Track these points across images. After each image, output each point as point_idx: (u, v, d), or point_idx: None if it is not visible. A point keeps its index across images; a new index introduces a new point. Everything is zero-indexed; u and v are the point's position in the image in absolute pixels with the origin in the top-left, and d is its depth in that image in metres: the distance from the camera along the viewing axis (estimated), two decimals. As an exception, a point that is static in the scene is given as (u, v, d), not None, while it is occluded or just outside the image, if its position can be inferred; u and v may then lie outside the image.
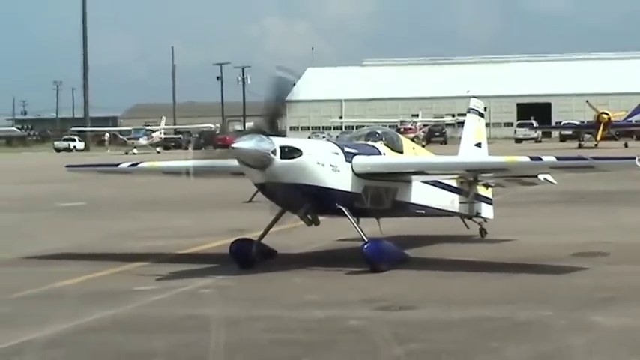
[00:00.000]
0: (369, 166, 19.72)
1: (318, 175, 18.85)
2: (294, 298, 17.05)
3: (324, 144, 20.33)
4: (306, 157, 18.66)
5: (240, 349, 13.44)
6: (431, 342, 13.57)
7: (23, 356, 13.32)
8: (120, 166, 24.97)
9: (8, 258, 22.57)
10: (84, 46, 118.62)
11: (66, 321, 15.45)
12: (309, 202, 19.12)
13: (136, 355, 13.31)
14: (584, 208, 31.92)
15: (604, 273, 19.08)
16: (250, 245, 19.85)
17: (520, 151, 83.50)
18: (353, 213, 19.61)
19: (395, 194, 20.56)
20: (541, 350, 12.95)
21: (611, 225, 26.92)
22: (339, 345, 13.60)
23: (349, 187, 19.39)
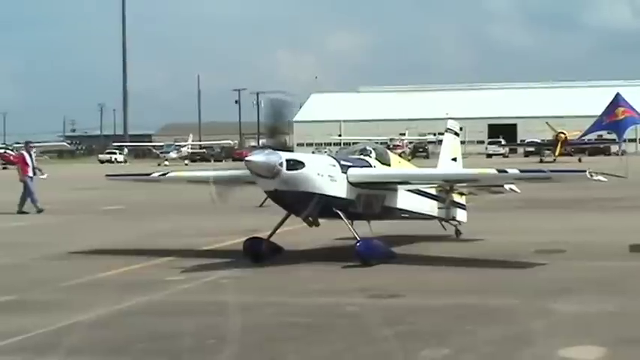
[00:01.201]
0: (361, 177, 19.72)
1: (319, 184, 18.84)
2: (299, 288, 17.05)
3: (324, 158, 20.30)
4: (308, 169, 18.65)
5: (253, 330, 13.41)
6: (415, 325, 13.53)
7: (72, 336, 13.28)
8: (151, 175, 25.36)
9: (58, 253, 22.55)
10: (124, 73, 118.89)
11: (107, 306, 15.44)
12: (313, 206, 19.05)
13: (167, 335, 13.26)
14: (543, 213, 31.89)
15: (561, 267, 19.04)
16: (261, 243, 19.87)
17: (490, 164, 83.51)
18: (348, 216, 19.63)
19: (383, 200, 20.57)
20: (508, 332, 12.90)
21: (567, 227, 26.89)
22: (337, 327, 13.56)
23: (345, 194, 19.35)
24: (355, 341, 12.60)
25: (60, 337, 13.15)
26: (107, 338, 13.13)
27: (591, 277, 17.71)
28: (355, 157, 20.68)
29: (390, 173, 20.87)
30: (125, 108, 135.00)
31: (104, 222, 31.94)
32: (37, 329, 13.63)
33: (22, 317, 14.60)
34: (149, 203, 38.38)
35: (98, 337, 13.21)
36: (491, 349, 11.98)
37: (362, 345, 12.38)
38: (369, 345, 12.38)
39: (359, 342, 12.55)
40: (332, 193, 19.11)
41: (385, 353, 11.88)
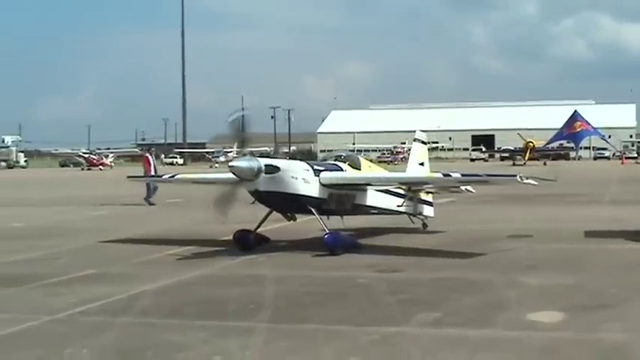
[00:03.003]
0: (330, 179, 18.95)
1: (293, 185, 18.23)
2: (319, 265, 17.00)
3: (298, 163, 19.17)
4: (282, 173, 18.03)
5: (284, 298, 13.40)
6: (413, 294, 13.50)
7: (141, 301, 13.31)
8: (163, 177, 24.37)
9: (130, 236, 22.62)
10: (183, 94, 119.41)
11: (168, 278, 15.47)
12: (291, 205, 18.60)
13: (217, 300, 13.27)
14: (513, 206, 31.75)
15: (529, 249, 18.93)
16: (249, 234, 19.10)
17: (472, 167, 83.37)
18: (322, 213, 18.97)
19: (354, 199, 19.78)
20: (487, 300, 12.86)
21: (533, 217, 26.81)
22: (351, 295, 13.55)
23: (317, 194, 18.66)
24: (366, 306, 12.59)
25: (131, 302, 13.18)
26: (168, 303, 13.16)
27: (553, 257, 17.64)
28: (328, 163, 20.00)
29: (353, 176, 19.76)
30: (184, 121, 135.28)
31: (167, 212, 32.00)
32: (113, 296, 13.68)
33: (101, 287, 14.62)
34: (202, 197, 38.36)
35: (161, 302, 13.23)
36: (474, 313, 11.95)
37: (371, 309, 12.36)
38: (377, 309, 12.36)
39: (369, 307, 12.54)
40: (305, 193, 18.43)
41: (389, 316, 11.85)
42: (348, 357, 9.61)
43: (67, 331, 11.32)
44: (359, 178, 19.85)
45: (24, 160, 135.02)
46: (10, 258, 18.85)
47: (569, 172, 68.99)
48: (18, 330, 11.43)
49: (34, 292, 14.39)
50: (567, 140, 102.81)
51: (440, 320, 11.54)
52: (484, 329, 10.96)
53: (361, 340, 10.45)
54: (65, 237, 23.12)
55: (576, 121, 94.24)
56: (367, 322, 11.39)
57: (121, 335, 10.99)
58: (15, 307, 13.05)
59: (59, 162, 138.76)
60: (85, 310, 12.63)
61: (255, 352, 9.99)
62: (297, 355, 9.83)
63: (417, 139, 24.59)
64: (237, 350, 10.03)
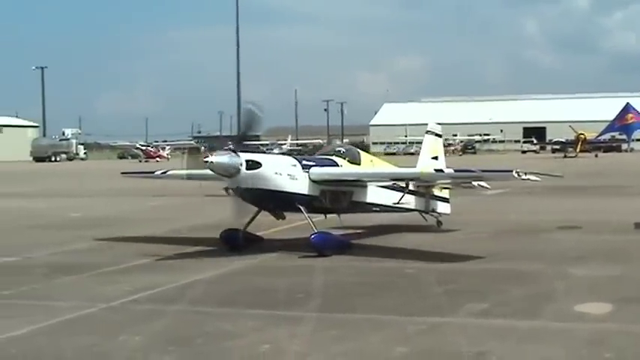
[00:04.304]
0: (321, 175, 17.56)
1: (277, 182, 16.90)
2: (367, 255, 16.87)
3: (284, 158, 18.03)
4: (264, 168, 16.71)
5: (333, 287, 13.40)
6: (461, 284, 13.42)
7: (193, 290, 13.38)
8: (155, 172, 22.65)
9: (181, 227, 22.78)
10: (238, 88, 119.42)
11: (218, 268, 15.54)
12: (276, 202, 17.33)
13: (266, 289, 13.31)
14: (563, 197, 31.47)
15: (578, 240, 18.76)
16: (237, 233, 17.76)
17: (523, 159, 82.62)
18: (314, 211, 17.83)
19: (351, 196, 18.40)
20: (535, 291, 12.75)
21: (583, 208, 26.54)
22: (399, 285, 13.50)
23: (306, 191, 17.34)
24: (413, 296, 12.53)
25: (183, 291, 13.27)
26: (219, 292, 13.21)
27: (602, 248, 17.41)
28: (321, 157, 18.76)
29: (343, 172, 18.22)
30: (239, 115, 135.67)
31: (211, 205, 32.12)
32: (166, 285, 13.77)
33: (155, 276, 14.74)
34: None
35: (213, 291, 13.30)
36: (521, 304, 11.84)
37: (418, 299, 12.30)
38: (424, 299, 12.30)
39: (416, 297, 12.48)
40: (292, 189, 17.13)
41: (437, 306, 11.78)
42: (395, 346, 9.57)
43: (120, 318, 11.43)
44: (348, 173, 18.30)
45: (83, 153, 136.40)
46: (68, 247, 19.09)
47: (619, 164, 68.18)
48: (75, 317, 11.57)
49: (91, 281, 14.57)
50: (619, 132, 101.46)
51: (487, 311, 11.44)
52: (532, 320, 10.85)
53: (408, 329, 10.39)
54: (121, 227, 23.34)
55: (628, 113, 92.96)
56: (414, 312, 11.33)
57: (173, 323, 11.05)
58: (72, 295, 13.19)
59: (117, 154, 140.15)
60: (139, 298, 12.73)
61: (304, 340, 9.99)
62: (344, 344, 9.80)
63: (430, 132, 23.00)
64: (287, 339, 10.03)
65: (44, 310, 11.98)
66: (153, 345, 9.86)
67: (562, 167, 57.62)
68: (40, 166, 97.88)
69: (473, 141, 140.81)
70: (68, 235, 21.23)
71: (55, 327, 11.00)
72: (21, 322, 11.10)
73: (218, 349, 9.67)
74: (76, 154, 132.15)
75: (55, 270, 15.60)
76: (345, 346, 9.72)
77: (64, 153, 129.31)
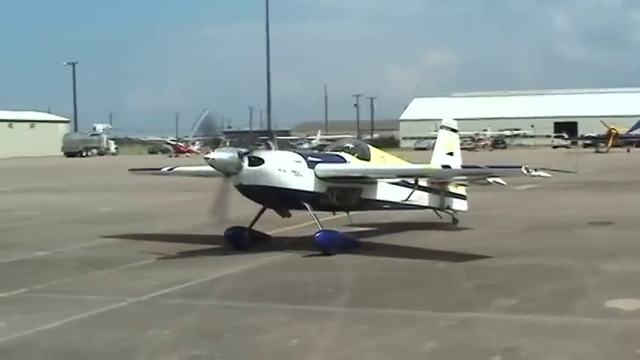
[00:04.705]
0: (327, 172, 17.09)
1: (280, 179, 16.47)
2: (397, 250, 16.82)
3: (288, 154, 17.35)
4: (267, 165, 16.30)
5: (363, 282, 13.39)
6: (490, 279, 13.37)
7: (222, 284, 13.44)
8: (162, 169, 22.28)
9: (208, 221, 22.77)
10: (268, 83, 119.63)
11: (249, 262, 15.58)
12: (280, 199, 16.89)
13: (296, 284, 13.34)
14: (596, 193, 31.23)
15: (611, 236, 18.64)
16: (242, 231, 17.55)
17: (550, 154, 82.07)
18: (321, 208, 17.43)
19: (360, 193, 17.91)
20: (565, 287, 12.67)
21: (616, 204, 26.33)
22: (428, 280, 13.47)
23: (312, 188, 16.89)
24: (443, 292, 12.50)
25: (212, 286, 13.32)
26: (248, 287, 13.25)
27: (635, 244, 17.25)
28: (328, 153, 18.44)
29: (349, 168, 17.67)
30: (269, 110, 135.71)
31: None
32: (195, 279, 13.83)
33: (184, 270, 14.80)
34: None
35: (242, 286, 13.34)
36: (551, 300, 11.78)
37: (448, 295, 12.27)
38: (455, 294, 12.27)
39: (446, 292, 12.45)
40: (296, 186, 16.68)
41: (467, 301, 11.74)
42: (424, 342, 9.54)
43: (150, 312, 11.49)
44: (354, 170, 17.80)
45: (114, 148, 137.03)
46: (99, 241, 19.20)
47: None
48: (105, 311, 11.65)
49: (121, 275, 14.66)
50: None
51: (517, 306, 11.38)
52: (562, 316, 10.78)
53: (438, 325, 10.37)
54: (152, 221, 23.45)
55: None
56: (444, 307, 11.30)
57: (202, 318, 11.09)
58: (103, 289, 13.29)
59: (148, 149, 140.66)
60: (168, 292, 12.79)
61: (334, 335, 9.98)
62: (374, 339, 9.79)
63: (445, 127, 22.23)
64: (316, 334, 10.03)
65: (75, 304, 12.07)
66: (182, 339, 9.89)
67: (593, 163, 57.23)
68: (72, 161, 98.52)
69: (503, 136, 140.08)
70: (99, 230, 21.35)
71: (86, 321, 11.08)
72: (52, 316, 11.19)
73: (247, 343, 9.69)
74: (106, 149, 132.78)
75: (86, 264, 15.72)
76: (375, 341, 9.70)
77: (95, 148, 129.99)
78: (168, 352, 9.32)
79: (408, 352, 9.19)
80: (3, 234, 21.51)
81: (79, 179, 51.58)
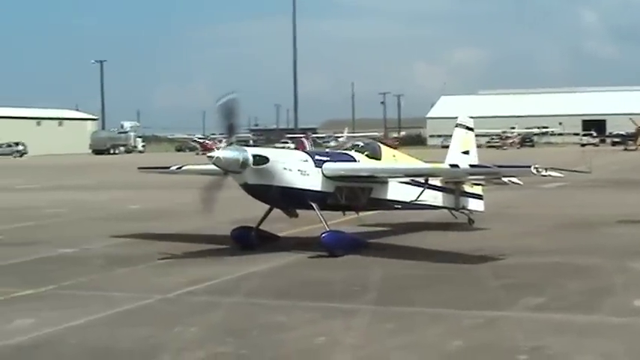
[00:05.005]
0: (334, 171, 16.70)
1: (286, 178, 16.12)
2: (422, 249, 16.82)
3: (294, 153, 17.06)
4: (272, 164, 15.96)
5: (389, 280, 13.37)
6: (517, 278, 13.31)
7: (248, 281, 13.46)
8: (170, 168, 21.78)
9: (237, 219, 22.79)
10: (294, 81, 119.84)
11: (275, 260, 15.59)
12: (286, 199, 16.55)
13: (322, 282, 13.35)
14: (625, 191, 31.03)
15: (639, 234, 18.50)
16: (249, 231, 17.25)
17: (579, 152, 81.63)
18: (329, 208, 17.02)
19: (370, 192, 17.48)
20: (593, 285, 12.61)
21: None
22: (455, 278, 13.44)
23: (319, 187, 16.51)
24: (469, 290, 12.47)
25: (239, 283, 13.35)
26: (275, 284, 13.27)
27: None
28: (337, 152, 18.09)
29: (356, 167, 17.28)
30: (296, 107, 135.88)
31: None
32: (221, 277, 13.87)
33: (210, 268, 14.85)
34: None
35: (268, 284, 13.36)
36: (579, 298, 11.72)
37: (475, 293, 12.24)
38: (481, 293, 12.24)
39: (472, 291, 12.41)
40: (303, 186, 16.31)
41: (493, 300, 11.70)
42: (451, 340, 9.51)
43: (176, 310, 11.52)
44: (361, 169, 17.38)
45: (141, 145, 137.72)
46: (125, 239, 19.29)
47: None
48: (132, 308, 11.70)
49: (147, 272, 14.72)
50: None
51: (545, 305, 11.33)
52: (590, 315, 10.73)
53: (464, 323, 10.34)
54: (178, 218, 23.53)
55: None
56: (471, 306, 11.26)
57: (228, 315, 11.11)
58: (129, 286, 13.35)
59: (175, 147, 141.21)
60: (194, 290, 12.83)
61: (360, 333, 9.97)
62: (400, 337, 9.78)
63: (461, 125, 21.78)
64: (342, 331, 10.02)
65: (102, 300, 12.13)
66: (208, 336, 9.91)
67: (622, 161, 56.84)
68: (99, 159, 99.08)
69: (531, 134, 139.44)
70: (126, 227, 21.44)
71: (113, 318, 11.14)
72: (80, 313, 11.25)
73: (273, 340, 9.69)
74: (134, 147, 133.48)
75: (113, 261, 15.80)
76: (401, 339, 9.69)
77: (123, 145, 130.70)
78: (195, 349, 9.34)
79: (434, 351, 9.16)
80: (31, 231, 21.69)
81: (106, 177, 51.86)
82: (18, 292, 12.83)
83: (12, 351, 9.51)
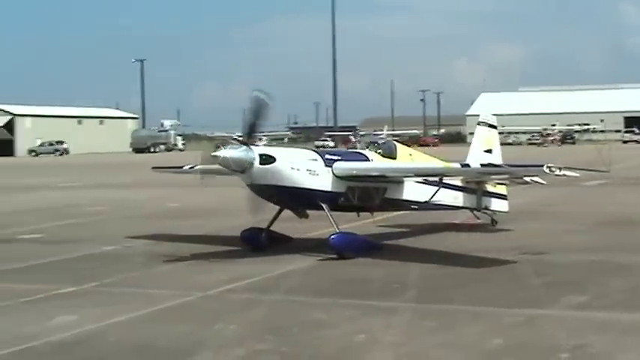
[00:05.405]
0: (345, 170, 16.18)
1: (294, 178, 15.64)
2: (461, 247, 16.70)
3: (302, 152, 16.58)
4: (279, 163, 15.49)
5: (429, 278, 13.32)
6: (558, 276, 13.23)
7: (288, 279, 13.50)
8: (183, 168, 21.07)
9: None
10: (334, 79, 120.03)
11: (314, 258, 15.57)
12: (294, 200, 16.09)
13: (362, 280, 13.34)
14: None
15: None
16: (259, 233, 16.77)
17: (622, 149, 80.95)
18: (341, 209, 16.50)
19: (384, 192, 16.89)
20: (636, 284, 12.52)
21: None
22: (495, 276, 13.37)
23: (329, 188, 16.01)
24: (510, 288, 12.40)
25: (279, 281, 13.38)
26: (314, 282, 13.29)
27: None
28: (348, 151, 17.61)
29: (367, 167, 16.70)
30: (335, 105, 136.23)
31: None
32: (261, 274, 13.90)
33: (250, 265, 14.90)
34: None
35: (308, 281, 13.38)
36: (622, 296, 11.62)
37: (515, 291, 12.16)
38: (521, 291, 12.15)
39: (513, 289, 12.34)
40: (311, 186, 15.82)
41: (534, 298, 11.63)
42: (491, 338, 9.46)
43: (217, 307, 11.57)
44: (372, 168, 16.80)
45: (181, 143, 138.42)
46: (165, 237, 19.40)
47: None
48: (172, 305, 11.76)
49: (188, 270, 14.78)
50: None
51: (587, 303, 11.23)
52: (633, 313, 10.62)
53: (505, 321, 10.27)
54: (216, 217, 23.63)
55: None
56: (511, 304, 11.19)
57: (269, 312, 11.14)
58: (170, 284, 13.42)
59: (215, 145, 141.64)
60: (235, 287, 12.87)
61: (400, 331, 9.95)
62: (440, 335, 9.74)
63: (483, 123, 21.11)
64: (382, 329, 10.00)
65: (143, 297, 12.21)
66: (248, 334, 9.94)
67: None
68: (140, 157, 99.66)
69: (572, 131, 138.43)
70: (166, 225, 21.58)
71: (153, 315, 11.20)
72: (121, 310, 11.33)
73: (313, 338, 9.70)
74: (174, 145, 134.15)
75: (153, 259, 15.88)
76: (441, 336, 9.66)
77: (163, 144, 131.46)
78: (234, 347, 9.36)
79: (474, 349, 9.11)
80: (73, 229, 21.90)
81: (146, 175, 52.07)
82: (60, 290, 12.96)
83: (54, 348, 9.60)
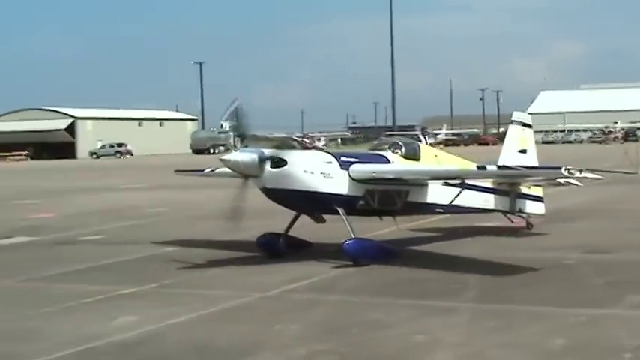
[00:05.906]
0: (362, 173, 15.44)
1: (307, 181, 15.04)
2: (523, 245, 16.68)
3: (316, 155, 16.01)
4: (290, 167, 14.91)
5: (489, 278, 13.19)
6: (622, 275, 13.06)
7: (347, 279, 13.51)
8: (205, 170, 20.95)
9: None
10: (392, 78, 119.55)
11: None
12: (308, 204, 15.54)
13: (420, 279, 13.28)
14: None
15: None
16: (277, 238, 16.35)
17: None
18: (359, 213, 15.78)
19: (406, 196, 16.11)
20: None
21: None
22: (556, 276, 13.25)
23: (345, 191, 15.34)
24: (572, 288, 12.28)
25: (337, 281, 13.41)
26: (373, 282, 13.28)
27: None
28: (367, 153, 16.99)
29: (384, 169, 15.82)
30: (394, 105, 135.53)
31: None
32: (320, 274, 13.93)
33: (309, 265, 14.95)
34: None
35: (366, 281, 13.37)
36: (688, 295, 11.44)
37: (578, 291, 12.04)
38: (584, 291, 12.04)
39: (575, 288, 12.22)
40: (326, 190, 15.19)
41: (597, 297, 11.49)
42: (553, 338, 9.37)
43: (276, 307, 11.61)
44: (389, 171, 15.92)
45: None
46: (223, 238, 19.45)
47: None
48: (231, 305, 11.83)
49: (246, 270, 14.85)
50: None
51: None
52: (698, 313, 10.46)
53: (567, 321, 10.17)
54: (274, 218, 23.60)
55: None
56: (573, 304, 11.08)
57: (328, 312, 11.15)
58: (229, 284, 13.50)
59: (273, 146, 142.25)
60: (295, 287, 12.91)
61: (459, 331, 9.89)
62: (501, 334, 9.67)
63: (516, 122, 20.24)
64: (441, 329, 9.96)
65: (202, 298, 12.28)
66: (308, 334, 9.95)
67: None
68: (200, 159, 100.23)
69: (634, 128, 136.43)
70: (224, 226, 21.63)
71: (212, 315, 11.27)
72: (180, 310, 11.42)
73: (372, 338, 9.69)
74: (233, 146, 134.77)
75: (212, 259, 15.97)
76: (501, 337, 9.58)
77: (222, 145, 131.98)
78: (295, 347, 9.38)
79: (535, 349, 9.03)
80: (134, 230, 22.13)
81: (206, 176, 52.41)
82: (121, 290, 13.10)
83: (116, 348, 9.71)
